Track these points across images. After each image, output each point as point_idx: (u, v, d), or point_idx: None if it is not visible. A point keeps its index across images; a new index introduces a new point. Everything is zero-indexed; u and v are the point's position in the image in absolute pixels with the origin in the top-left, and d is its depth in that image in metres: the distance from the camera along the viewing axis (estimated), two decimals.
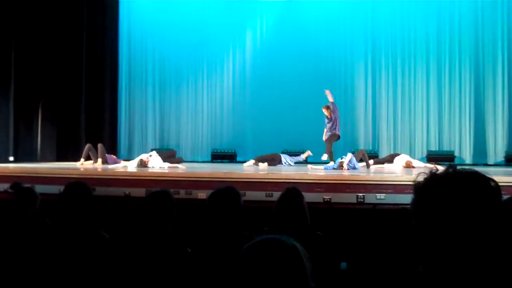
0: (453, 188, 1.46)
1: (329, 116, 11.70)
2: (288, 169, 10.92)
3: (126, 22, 16.25)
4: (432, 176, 1.51)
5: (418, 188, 1.52)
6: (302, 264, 1.64)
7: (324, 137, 11.83)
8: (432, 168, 1.59)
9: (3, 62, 12.41)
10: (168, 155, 12.35)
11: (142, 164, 10.93)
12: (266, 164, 12.03)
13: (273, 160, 12.34)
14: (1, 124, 12.43)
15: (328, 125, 11.76)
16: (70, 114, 14.48)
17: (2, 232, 3.99)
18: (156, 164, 11.10)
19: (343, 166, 10.60)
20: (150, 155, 11.44)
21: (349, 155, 10.94)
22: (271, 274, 1.60)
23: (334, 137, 11.75)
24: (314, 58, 14.98)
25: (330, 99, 11.65)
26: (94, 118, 15.12)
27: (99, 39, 15.52)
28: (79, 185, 3.94)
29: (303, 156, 12.81)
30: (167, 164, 11.29)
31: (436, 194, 1.47)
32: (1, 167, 10.25)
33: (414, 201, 1.52)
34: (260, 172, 9.04)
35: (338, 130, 11.76)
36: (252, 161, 12.40)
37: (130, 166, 11.06)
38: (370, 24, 15.04)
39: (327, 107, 11.70)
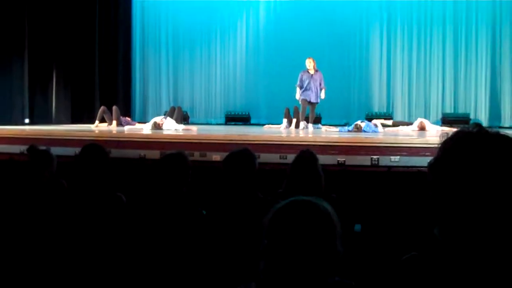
0: (479, 147, 1.41)
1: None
2: (303, 131, 10.93)
3: None
4: (458, 134, 1.48)
5: (443, 146, 1.47)
6: (333, 227, 1.64)
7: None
8: (451, 130, 1.55)
9: (17, 26, 12.39)
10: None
11: (156, 126, 10.95)
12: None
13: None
14: (16, 87, 12.49)
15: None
16: (84, 77, 14.49)
17: (19, 195, 4.03)
18: (171, 126, 11.12)
19: (358, 129, 10.53)
20: (165, 117, 11.46)
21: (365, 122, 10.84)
22: (303, 235, 1.60)
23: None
24: (329, 21, 14.79)
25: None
26: (108, 81, 15.13)
27: (113, 4, 15.43)
28: (95, 147, 3.95)
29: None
30: (181, 126, 11.32)
31: (461, 153, 1.42)
32: (17, 129, 10.35)
33: (437, 159, 1.47)
34: (273, 135, 9.04)
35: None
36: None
37: (144, 129, 11.11)
38: None
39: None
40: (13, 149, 8.87)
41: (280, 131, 11.43)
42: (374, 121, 11.26)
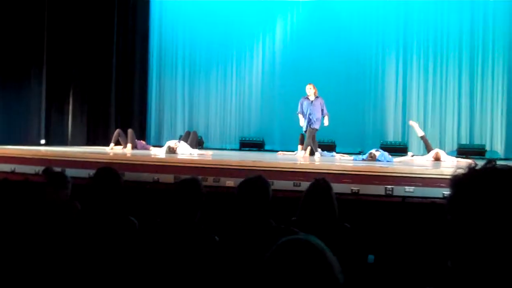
0: (493, 185, 1.42)
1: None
2: (317, 159, 10.90)
3: (157, 10, 16.35)
4: (471, 171, 1.48)
5: (457, 182, 1.48)
6: (330, 266, 1.63)
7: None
8: (469, 163, 1.55)
9: (36, 47, 12.56)
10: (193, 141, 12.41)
11: (171, 150, 10.98)
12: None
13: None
14: (34, 108, 12.61)
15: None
16: (100, 99, 14.63)
17: (34, 215, 4.05)
18: (185, 151, 11.15)
19: (373, 158, 10.48)
20: (179, 142, 11.49)
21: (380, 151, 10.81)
22: (299, 276, 1.59)
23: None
24: (345, 49, 14.81)
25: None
26: (124, 104, 15.26)
27: (130, 25, 15.64)
28: (109, 170, 3.97)
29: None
30: (196, 151, 11.34)
31: (475, 190, 1.43)
32: (33, 150, 10.41)
33: (452, 195, 1.49)
34: (287, 162, 9.03)
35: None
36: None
37: (159, 153, 11.14)
38: (402, 15, 14.82)
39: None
40: (29, 169, 8.95)
41: (294, 158, 11.41)
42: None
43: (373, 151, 10.73)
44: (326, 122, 11.85)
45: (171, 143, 11.32)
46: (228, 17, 15.78)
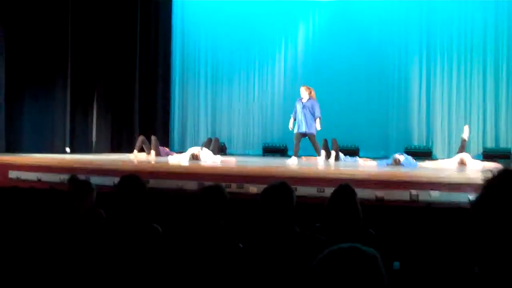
0: None
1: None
2: (340, 165, 10.86)
3: (179, 16, 16.46)
4: (502, 173, 1.45)
5: (488, 184, 1.45)
6: (381, 276, 1.59)
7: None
8: (496, 166, 1.53)
9: (60, 55, 12.69)
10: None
11: (194, 157, 11.01)
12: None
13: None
14: (59, 116, 12.73)
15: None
16: (124, 106, 14.74)
17: (59, 224, 4.09)
18: (208, 158, 11.17)
19: (397, 163, 10.39)
20: (201, 149, 11.52)
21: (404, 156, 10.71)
22: (351, 284, 1.55)
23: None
24: (367, 52, 14.77)
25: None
26: (147, 110, 15.36)
27: (153, 32, 15.74)
28: (133, 178, 3.99)
29: None
30: (219, 158, 11.35)
31: (506, 193, 1.41)
32: (58, 158, 10.53)
33: (481, 198, 1.46)
34: (311, 167, 9.01)
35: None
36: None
37: (182, 159, 11.18)
38: (425, 16, 14.71)
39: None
40: (53, 177, 9.04)
41: (318, 163, 11.38)
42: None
43: (397, 155, 10.64)
44: (317, 125, 11.60)
45: (194, 150, 11.34)
46: (250, 22, 15.86)
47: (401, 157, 10.52)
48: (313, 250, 3.24)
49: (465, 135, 11.80)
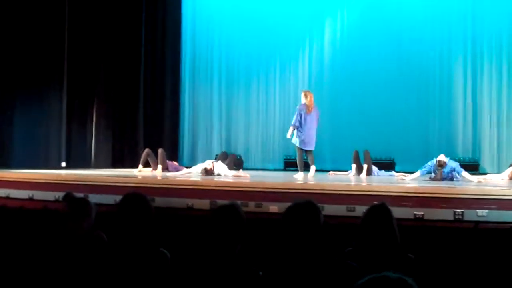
0: None
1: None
2: (373, 180, 10.80)
3: (190, 13, 16.50)
4: None
5: None
6: None
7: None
8: None
9: (55, 59, 12.78)
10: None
11: (207, 172, 11.01)
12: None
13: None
14: (53, 127, 12.80)
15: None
16: (127, 116, 14.80)
17: (54, 248, 4.08)
18: (222, 171, 11.16)
19: (442, 166, 10.28)
20: (214, 161, 11.52)
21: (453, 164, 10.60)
22: None
23: None
24: (404, 55, 14.65)
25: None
26: (153, 120, 15.41)
27: (160, 31, 15.82)
28: (137, 196, 3.98)
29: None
30: (232, 172, 11.34)
31: None
32: (53, 174, 10.57)
33: None
34: (340, 183, 8.96)
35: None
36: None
37: (193, 174, 11.18)
38: (470, 14, 14.56)
39: None
40: (48, 196, 9.07)
41: (348, 178, 11.32)
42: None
43: (442, 157, 10.50)
44: (289, 133, 11.72)
45: (206, 164, 11.35)
46: (270, 19, 15.82)
47: (446, 159, 10.40)
48: (344, 278, 3.21)
49: None
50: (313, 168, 11.49)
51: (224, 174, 11.10)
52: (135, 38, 14.86)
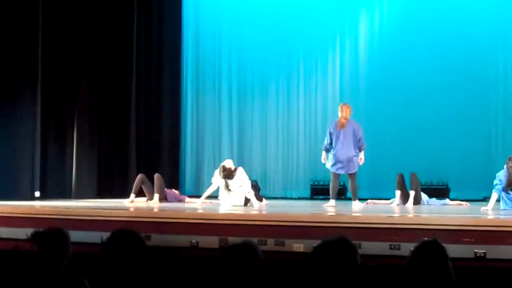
0: None
1: None
2: (423, 210, 10.76)
3: (192, 8, 16.54)
4: None
5: None
6: None
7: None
8: None
9: (28, 61, 12.78)
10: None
11: (226, 173, 11.18)
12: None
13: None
14: (25, 150, 12.82)
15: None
16: (116, 135, 14.85)
17: None
18: (242, 181, 11.25)
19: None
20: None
21: None
22: None
23: None
24: (457, 56, 14.63)
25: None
26: (148, 139, 15.44)
27: (155, 30, 15.88)
28: (128, 233, 3.99)
29: None
30: (252, 192, 11.37)
31: None
32: (24, 206, 10.61)
33: None
34: (380, 215, 8.93)
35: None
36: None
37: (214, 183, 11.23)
38: None
39: None
40: (19, 233, 9.07)
41: (391, 209, 11.28)
42: None
43: None
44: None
45: (226, 162, 11.44)
46: (290, 14, 15.89)
47: None
48: None
49: None
50: (355, 203, 11.47)
51: (244, 186, 11.16)
52: (125, 39, 14.85)
